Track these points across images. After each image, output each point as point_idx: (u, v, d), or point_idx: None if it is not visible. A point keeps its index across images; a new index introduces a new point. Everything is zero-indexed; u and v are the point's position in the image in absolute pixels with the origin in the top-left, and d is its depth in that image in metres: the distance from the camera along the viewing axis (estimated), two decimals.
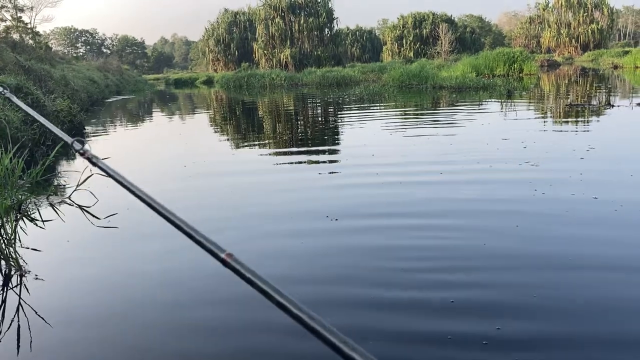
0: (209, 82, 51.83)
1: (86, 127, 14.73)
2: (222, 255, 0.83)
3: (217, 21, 70.31)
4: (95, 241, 4.87)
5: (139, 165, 8.83)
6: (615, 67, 35.68)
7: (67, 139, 1.15)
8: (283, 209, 5.51)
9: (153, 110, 23.88)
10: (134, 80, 51.98)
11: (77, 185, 6.70)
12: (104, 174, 1.06)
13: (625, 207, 4.73)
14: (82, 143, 1.11)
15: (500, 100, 16.11)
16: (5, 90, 1.63)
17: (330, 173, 7.19)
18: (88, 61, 51.74)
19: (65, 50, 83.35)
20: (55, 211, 5.72)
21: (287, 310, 0.72)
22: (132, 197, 1.02)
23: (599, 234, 4.20)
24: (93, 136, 12.94)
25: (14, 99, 1.55)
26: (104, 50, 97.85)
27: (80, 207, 5.82)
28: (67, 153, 9.99)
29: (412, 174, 6.64)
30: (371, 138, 10.14)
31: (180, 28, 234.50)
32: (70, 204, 5.89)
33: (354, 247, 4.21)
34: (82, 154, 1.10)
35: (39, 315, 3.26)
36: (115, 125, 16.39)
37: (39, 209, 5.75)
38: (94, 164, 1.09)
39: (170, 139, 12.07)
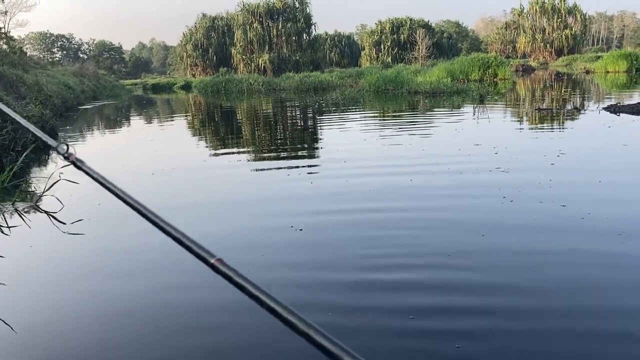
0: (186, 87, 51.55)
1: (59, 134, 14.58)
2: (212, 261, 0.79)
3: (195, 26, 70.04)
4: (60, 247, 4.86)
5: (105, 172, 8.70)
6: (587, 72, 36.39)
7: (52, 142, 1.14)
8: (254, 212, 5.57)
9: (129, 115, 23.70)
10: (111, 85, 51.54)
11: (43, 192, 6.69)
12: (89, 177, 1.08)
13: (592, 215, 4.72)
14: (67, 146, 1.10)
15: (473, 105, 16.30)
16: None
17: (296, 178, 7.20)
18: (64, 66, 51.19)
19: (41, 55, 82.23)
20: (21, 217, 5.72)
21: (278, 315, 0.71)
22: (98, 203, 1.04)
23: (565, 243, 4.16)
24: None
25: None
26: (81, 56, 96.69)
27: (46, 212, 5.82)
28: (39, 159, 9.93)
29: (382, 180, 6.64)
30: (344, 143, 10.14)
31: (158, 33, 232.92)
32: (37, 210, 5.87)
33: (319, 248, 4.32)
34: (66, 158, 1.10)
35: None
36: (88, 132, 16.26)
37: (4, 215, 5.75)
38: (79, 168, 1.09)
39: (141, 146, 12.02)
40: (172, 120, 19.86)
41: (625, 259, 3.81)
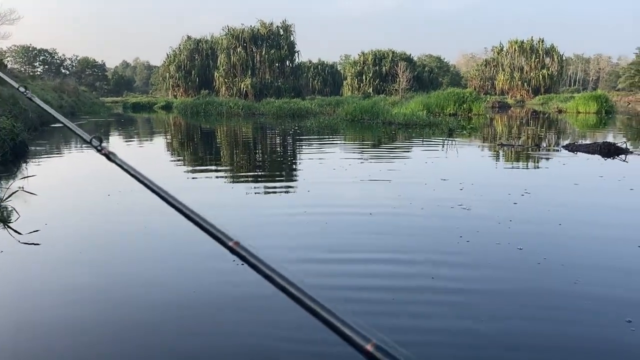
0: (167, 107, 51.57)
1: (30, 147, 14.49)
2: (230, 244, 0.87)
3: (180, 47, 70.37)
4: (15, 257, 4.87)
5: (63, 193, 8.45)
6: (560, 112, 37.22)
7: (86, 136, 1.22)
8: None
9: (106, 133, 23.59)
10: (91, 102, 51.28)
11: (1, 201, 6.71)
12: (122, 170, 1.14)
13: (548, 260, 4.54)
14: (100, 140, 1.17)
15: (442, 138, 16.58)
16: (27, 91, 1.74)
17: (253, 210, 7.13)
18: (44, 81, 50.89)
19: (22, 69, 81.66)
20: None
21: (290, 294, 0.77)
22: (54, 212, 1.10)
23: (515, 292, 3.95)
24: (32, 159, 12.51)
25: (36, 99, 1.69)
26: (63, 71, 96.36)
27: (2, 221, 5.85)
28: (6, 170, 9.87)
29: (341, 213, 6.46)
30: (310, 173, 10.07)
31: (143, 52, 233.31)
32: None
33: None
34: (99, 151, 1.17)
35: None
36: (59, 148, 16.14)
37: None
38: (112, 160, 1.16)
39: (104, 166, 11.74)
40: (146, 139, 19.74)
41: (575, 313, 3.59)
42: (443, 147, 14.09)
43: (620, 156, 11.78)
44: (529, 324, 3.40)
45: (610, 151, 12.06)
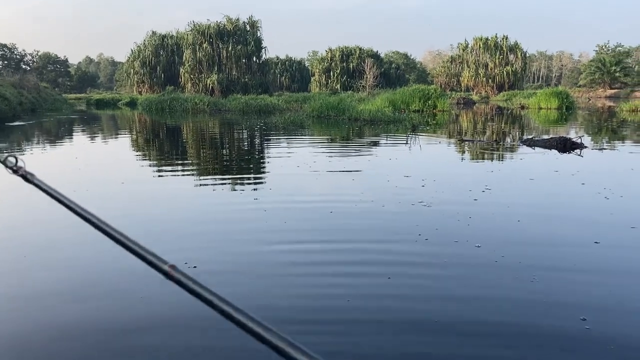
0: (132, 104, 50.70)
1: None
2: (166, 268, 0.79)
3: (144, 43, 69.28)
4: None
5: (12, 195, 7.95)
6: (522, 107, 37.92)
7: None
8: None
9: (69, 130, 23.03)
10: (53, 99, 50.16)
11: None
12: (40, 191, 1.01)
13: (505, 258, 4.52)
14: (16, 159, 1.02)
15: (406, 134, 16.71)
16: None
17: (213, 205, 6.97)
18: (3, 77, 49.45)
19: None
20: None
21: (233, 319, 0.71)
22: None
23: (473, 288, 3.93)
24: None
25: None
26: (23, 67, 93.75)
27: None
28: None
29: (301, 210, 6.42)
30: (273, 170, 10.01)
31: (107, 48, 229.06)
32: None
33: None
34: (15, 171, 1.01)
35: None
36: (16, 147, 15.67)
37: None
38: (29, 181, 1.02)
39: (69, 163, 11.39)
40: (110, 137, 19.24)
41: (533, 307, 3.55)
42: (407, 143, 14.17)
43: (575, 151, 12.06)
44: (485, 322, 3.36)
45: (566, 146, 12.35)
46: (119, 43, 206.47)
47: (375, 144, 14.72)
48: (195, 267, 4.31)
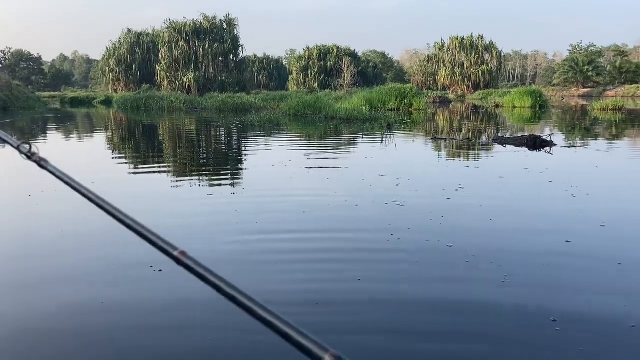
0: (107, 102, 50.11)
1: None
2: (175, 253, 0.82)
3: (120, 41, 68.52)
4: None
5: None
6: (497, 106, 38.41)
7: (14, 142, 1.12)
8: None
9: (43, 129, 22.66)
10: (25, 97, 49.27)
11: None
12: (57, 179, 1.04)
13: (477, 258, 4.47)
14: (30, 145, 1.07)
15: (381, 133, 16.83)
16: None
17: (183, 202, 6.86)
18: None
19: None
20: None
21: (239, 303, 0.73)
22: None
23: (444, 291, 3.88)
24: None
25: None
26: None
27: None
28: None
29: (274, 210, 6.33)
30: (247, 169, 9.93)
31: (82, 45, 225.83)
32: None
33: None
34: (29, 157, 1.08)
35: None
36: None
37: None
38: (43, 167, 1.07)
39: (31, 164, 11.05)
40: (85, 135, 18.93)
41: (503, 308, 3.51)
42: (382, 141, 14.25)
43: (545, 148, 12.24)
44: (455, 323, 3.31)
45: (536, 144, 12.52)
46: (95, 41, 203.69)
47: (351, 142, 14.70)
48: (152, 266, 4.22)
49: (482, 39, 73.07)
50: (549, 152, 11.77)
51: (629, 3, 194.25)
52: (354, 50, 75.84)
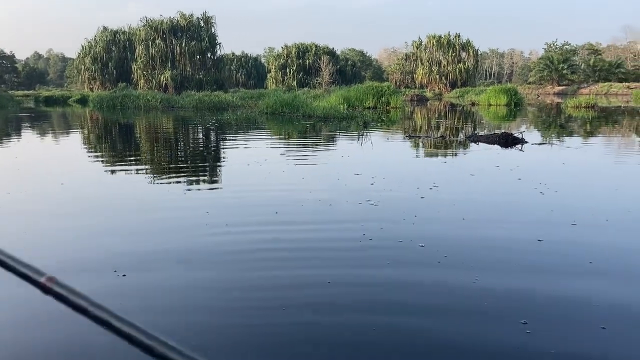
0: (83, 101, 49.37)
1: None
2: (42, 280, 0.67)
3: (95, 39, 67.63)
4: None
5: None
6: (473, 104, 38.79)
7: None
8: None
9: (17, 129, 22.21)
10: None
11: None
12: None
13: (449, 258, 4.42)
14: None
15: (357, 132, 16.72)
16: None
17: (152, 203, 6.71)
18: None
19: None
20: None
21: (126, 335, 0.63)
22: None
23: (414, 293, 3.80)
24: None
25: None
26: None
27: None
28: None
29: (247, 209, 6.24)
30: (222, 169, 9.85)
31: (56, 43, 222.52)
32: None
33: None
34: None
35: None
36: None
37: None
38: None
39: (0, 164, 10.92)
40: (61, 135, 18.65)
41: (472, 314, 3.44)
42: (358, 139, 14.29)
43: (517, 146, 12.40)
44: (426, 324, 3.26)
45: (507, 141, 12.69)
46: (70, 39, 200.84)
47: (328, 141, 14.66)
48: (118, 271, 4.11)
49: (459, 37, 73.73)
50: (520, 150, 11.92)
51: (602, 2, 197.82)
52: (333, 48, 75.91)
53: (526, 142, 12.84)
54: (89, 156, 12.45)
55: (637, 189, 7.83)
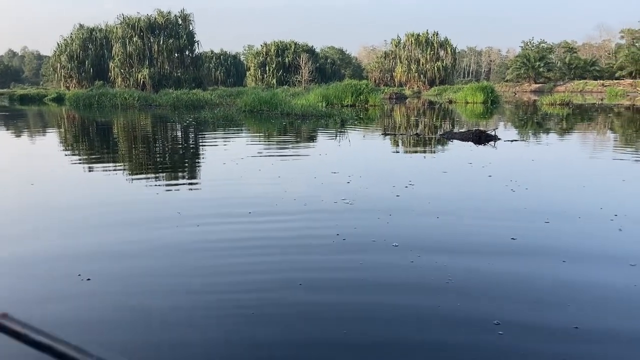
0: (59, 99, 48.63)
1: None
2: None
3: (71, 36, 66.60)
4: None
5: None
6: (450, 102, 39.08)
7: None
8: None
9: None
10: None
11: None
12: None
13: (422, 258, 4.39)
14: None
15: (335, 129, 16.79)
16: None
17: (118, 205, 6.56)
18: None
19: None
20: None
21: None
22: None
23: (387, 293, 3.77)
24: None
25: None
26: None
27: None
28: None
29: (220, 210, 6.15)
30: (198, 168, 9.77)
31: (32, 41, 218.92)
32: None
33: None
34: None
35: None
36: None
37: None
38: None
39: None
40: (38, 133, 18.27)
41: (444, 315, 3.40)
42: (337, 138, 14.31)
43: (490, 143, 12.54)
44: (396, 325, 3.23)
45: (480, 138, 12.83)
46: (45, 36, 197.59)
47: (306, 139, 14.61)
48: (86, 277, 4.02)
49: (437, 35, 74.16)
50: (493, 147, 12.05)
51: (577, 1, 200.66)
52: (312, 46, 75.82)
53: (499, 139, 12.99)
54: (64, 155, 12.18)
55: (604, 186, 7.92)
